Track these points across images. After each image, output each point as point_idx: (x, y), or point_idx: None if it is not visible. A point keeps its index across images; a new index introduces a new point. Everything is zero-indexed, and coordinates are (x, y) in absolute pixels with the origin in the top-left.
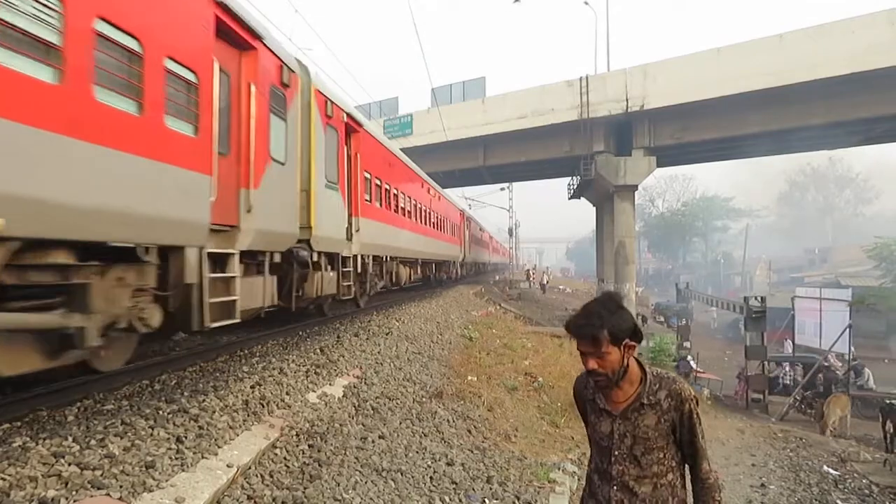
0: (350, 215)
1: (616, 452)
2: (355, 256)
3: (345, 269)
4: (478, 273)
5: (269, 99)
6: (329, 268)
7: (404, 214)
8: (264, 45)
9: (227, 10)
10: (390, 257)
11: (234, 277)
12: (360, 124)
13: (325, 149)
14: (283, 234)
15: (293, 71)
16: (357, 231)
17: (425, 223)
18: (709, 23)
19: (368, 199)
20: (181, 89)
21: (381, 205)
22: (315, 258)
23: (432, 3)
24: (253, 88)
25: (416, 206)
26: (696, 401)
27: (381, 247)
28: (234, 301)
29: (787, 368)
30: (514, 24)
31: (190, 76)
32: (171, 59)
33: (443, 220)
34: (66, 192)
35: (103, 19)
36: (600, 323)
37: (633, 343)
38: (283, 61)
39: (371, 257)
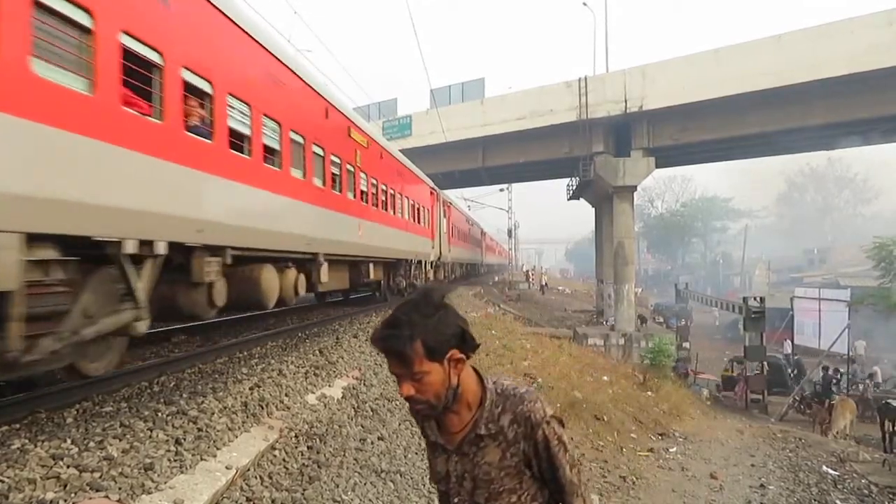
0: None
1: (455, 500)
2: None
3: None
4: (467, 276)
5: None
6: None
7: (263, 155)
8: None
9: None
10: (189, 246)
11: None
12: None
13: None
14: None
15: None
16: None
17: (343, 189)
18: (707, 25)
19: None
20: None
21: (113, 98)
22: None
23: (430, 2)
24: None
25: (307, 147)
26: (555, 422)
27: (113, 214)
28: None
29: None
30: (512, 26)
31: None
32: None
33: (393, 196)
34: None
35: None
36: (409, 333)
37: (462, 355)
38: None
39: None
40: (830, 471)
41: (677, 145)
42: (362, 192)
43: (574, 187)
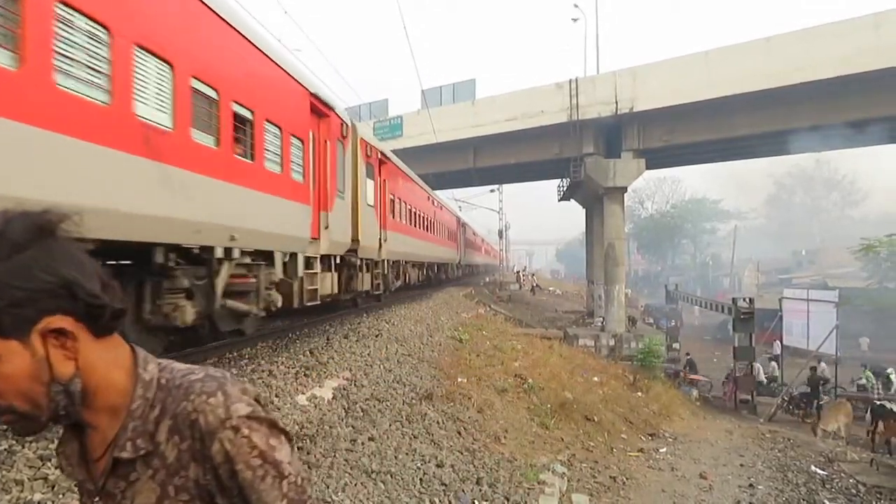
0: None
1: None
2: None
3: None
4: (429, 287)
5: None
6: None
7: None
8: None
9: None
10: None
11: None
12: None
13: None
14: None
15: None
16: None
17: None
18: (703, 27)
19: None
20: None
21: None
22: None
23: (421, 4)
24: None
25: None
26: (253, 428)
27: None
28: None
29: None
30: (504, 27)
31: None
32: None
33: (144, 73)
34: None
35: None
36: None
37: (67, 325)
38: None
39: None
40: (819, 471)
41: (668, 147)
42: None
43: (565, 188)
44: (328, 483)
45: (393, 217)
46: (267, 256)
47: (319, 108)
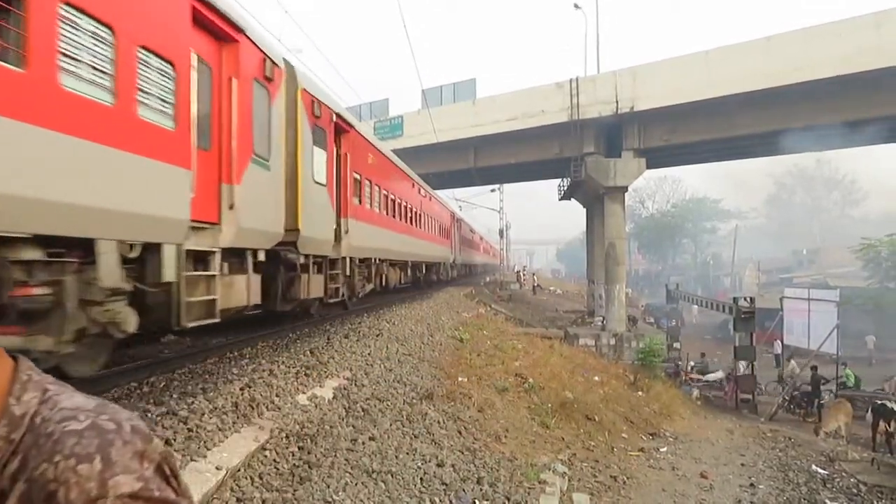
0: None
1: None
2: None
3: None
4: (416, 290)
5: None
6: None
7: None
8: None
9: None
10: None
11: None
12: None
13: None
14: None
15: None
16: None
17: None
18: (705, 26)
19: None
20: None
21: None
22: None
23: (421, 3)
24: None
25: None
26: None
27: None
28: None
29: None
30: (504, 27)
31: None
32: None
33: None
34: None
35: None
36: None
37: None
38: None
39: None
40: (820, 470)
41: (668, 146)
42: None
43: (565, 188)
44: (329, 483)
45: (359, 202)
46: (86, 249)
47: (215, 25)
